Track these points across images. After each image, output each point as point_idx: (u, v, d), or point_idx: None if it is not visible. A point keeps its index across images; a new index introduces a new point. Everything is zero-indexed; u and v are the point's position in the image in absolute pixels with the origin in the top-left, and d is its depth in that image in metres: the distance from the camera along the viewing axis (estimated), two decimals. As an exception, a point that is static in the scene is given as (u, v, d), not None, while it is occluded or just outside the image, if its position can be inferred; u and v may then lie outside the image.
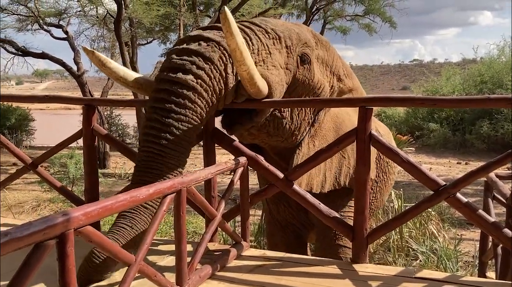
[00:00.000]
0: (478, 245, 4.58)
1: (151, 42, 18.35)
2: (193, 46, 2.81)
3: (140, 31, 15.47)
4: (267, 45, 3.04)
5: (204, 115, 2.79)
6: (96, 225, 3.54)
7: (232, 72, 2.85)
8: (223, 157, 3.37)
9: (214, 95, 2.79)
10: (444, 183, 2.80)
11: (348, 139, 2.97)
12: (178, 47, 2.87)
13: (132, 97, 12.37)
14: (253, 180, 5.67)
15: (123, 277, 2.10)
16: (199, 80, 2.71)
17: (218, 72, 2.78)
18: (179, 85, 2.69)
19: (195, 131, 2.77)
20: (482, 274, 4.27)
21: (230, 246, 3.19)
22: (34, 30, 14.82)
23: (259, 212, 6.73)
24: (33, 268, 1.61)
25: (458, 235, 6.41)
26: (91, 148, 3.63)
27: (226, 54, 2.81)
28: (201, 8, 16.23)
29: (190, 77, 2.70)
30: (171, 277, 2.48)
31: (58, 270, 1.74)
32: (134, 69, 12.32)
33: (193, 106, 2.70)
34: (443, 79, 20.20)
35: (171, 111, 2.66)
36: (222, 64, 2.81)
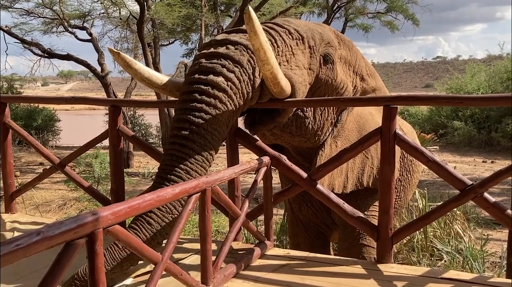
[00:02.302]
0: (506, 246, 4.47)
1: (173, 42, 18.53)
2: (222, 50, 2.83)
3: (162, 32, 15.63)
4: (290, 46, 3.04)
5: (232, 118, 2.81)
6: (122, 224, 3.60)
7: (259, 75, 2.86)
8: (244, 157, 3.38)
9: (242, 98, 2.81)
10: (471, 182, 2.76)
11: (372, 139, 2.95)
12: (206, 51, 2.88)
13: (155, 98, 12.53)
14: (275, 179, 5.66)
15: (150, 275, 2.14)
16: (229, 83, 2.73)
17: (247, 75, 2.80)
18: (211, 86, 2.70)
19: (221, 136, 2.76)
20: (510, 275, 4.18)
21: (253, 245, 3.21)
22: (59, 32, 15.11)
23: (281, 212, 6.73)
24: (64, 266, 1.65)
25: (484, 235, 6.28)
26: (117, 148, 3.70)
27: (255, 58, 2.82)
28: (222, 8, 16.30)
29: (221, 79, 2.71)
30: (196, 275, 2.51)
31: (88, 268, 1.79)
32: (157, 69, 12.46)
33: (223, 108, 2.71)
34: (467, 76, 19.78)
35: (201, 110, 2.66)
36: (251, 68, 2.82)
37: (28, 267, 2.86)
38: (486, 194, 2.72)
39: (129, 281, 2.74)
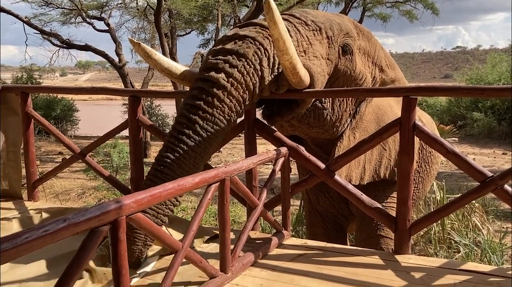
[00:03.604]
0: (526, 239, 4.44)
1: (189, 33, 18.53)
2: (229, 45, 2.85)
3: (179, 22, 15.64)
4: (307, 36, 3.03)
5: (234, 114, 2.81)
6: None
7: (268, 65, 2.86)
8: (260, 148, 3.40)
9: (247, 91, 2.81)
10: (491, 174, 2.74)
11: (391, 130, 2.94)
12: (215, 47, 2.92)
13: (172, 88, 12.59)
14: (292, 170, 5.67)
15: (171, 263, 2.18)
16: (230, 79, 2.74)
17: (252, 67, 2.79)
18: (210, 83, 2.75)
19: (219, 132, 2.78)
20: (529, 268, 4.14)
21: (271, 235, 3.24)
22: (78, 23, 15.25)
23: (297, 202, 6.75)
24: (89, 252, 1.70)
25: (503, 228, 6.21)
26: (136, 138, 3.74)
27: (262, 49, 2.83)
28: (239, -3, 16.23)
29: (221, 75, 2.74)
30: (214, 263, 2.56)
31: (111, 254, 1.83)
32: (174, 60, 12.47)
33: (221, 105, 2.73)
34: (488, 67, 19.40)
35: (199, 108, 2.71)
36: (257, 59, 2.81)
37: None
38: (506, 186, 2.70)
39: (149, 267, 2.79)
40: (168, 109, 20.02)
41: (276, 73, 2.91)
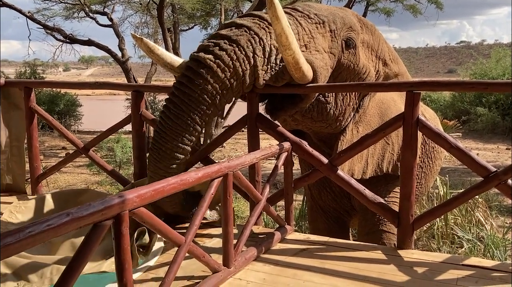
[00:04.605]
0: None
1: (192, 28, 18.47)
2: (224, 31, 2.87)
3: (182, 17, 15.61)
4: (309, 30, 3.02)
5: (218, 97, 2.79)
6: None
7: (263, 55, 2.84)
8: (262, 143, 3.40)
9: (235, 77, 2.79)
10: (495, 169, 2.73)
11: (394, 124, 2.93)
12: (212, 34, 2.96)
13: (175, 83, 12.57)
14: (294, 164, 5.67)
15: (174, 257, 2.19)
16: (217, 60, 2.74)
17: (243, 53, 2.78)
18: (196, 63, 2.77)
19: (203, 112, 2.78)
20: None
21: (274, 229, 3.24)
22: (81, 18, 15.23)
23: (300, 197, 6.75)
24: (92, 247, 1.70)
25: (506, 223, 6.20)
26: (140, 133, 3.75)
27: (257, 38, 2.82)
28: (242, -8, 16.16)
29: (209, 56, 2.75)
30: (217, 258, 2.56)
31: (114, 248, 1.84)
32: (177, 55, 12.48)
33: (204, 84, 2.73)
34: (492, 61, 19.31)
35: (182, 84, 2.77)
36: (250, 47, 2.80)
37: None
38: (510, 181, 2.69)
39: (152, 262, 2.80)
40: (171, 104, 20.02)
41: (274, 64, 2.90)
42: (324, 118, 3.28)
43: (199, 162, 3.47)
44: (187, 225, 2.51)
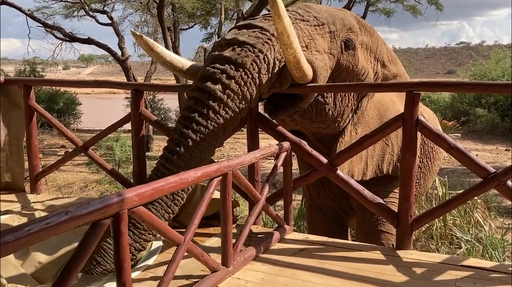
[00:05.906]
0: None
1: (192, 27, 18.50)
2: (227, 52, 2.81)
3: (182, 16, 15.63)
4: (309, 31, 3.02)
5: (229, 126, 2.81)
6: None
7: (267, 71, 2.84)
8: (262, 142, 3.40)
9: (243, 101, 2.81)
10: (494, 170, 2.73)
11: (394, 125, 2.93)
12: (214, 53, 2.89)
13: (174, 82, 12.58)
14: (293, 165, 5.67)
15: (173, 256, 2.19)
16: (227, 90, 2.72)
17: (250, 76, 2.78)
18: (206, 95, 2.73)
19: (213, 145, 2.79)
20: (531, 264, 4.13)
21: (273, 229, 3.24)
22: (80, 16, 15.25)
23: (299, 197, 6.75)
24: (91, 245, 1.70)
25: (505, 224, 6.21)
26: (139, 131, 3.74)
27: (261, 55, 2.81)
28: (242, -8, 16.15)
29: (218, 87, 2.72)
30: (216, 257, 2.56)
31: (113, 247, 1.84)
32: (177, 53, 12.41)
33: (215, 118, 2.72)
34: (492, 62, 19.34)
35: (193, 121, 2.70)
36: (256, 67, 2.79)
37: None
38: (509, 182, 2.69)
39: (151, 261, 2.80)
40: (171, 103, 20.05)
41: (277, 71, 2.90)
42: (322, 118, 3.28)
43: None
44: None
